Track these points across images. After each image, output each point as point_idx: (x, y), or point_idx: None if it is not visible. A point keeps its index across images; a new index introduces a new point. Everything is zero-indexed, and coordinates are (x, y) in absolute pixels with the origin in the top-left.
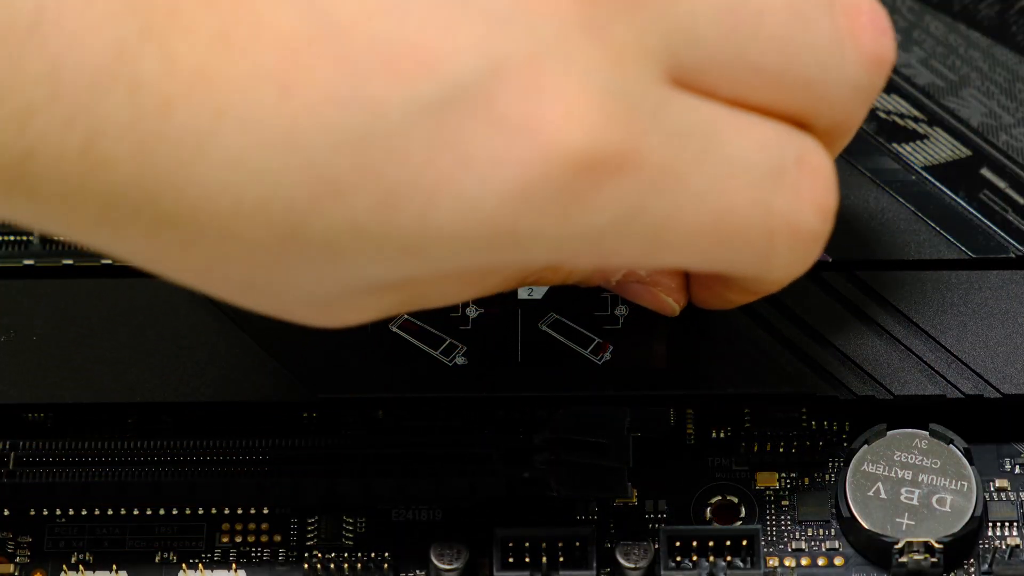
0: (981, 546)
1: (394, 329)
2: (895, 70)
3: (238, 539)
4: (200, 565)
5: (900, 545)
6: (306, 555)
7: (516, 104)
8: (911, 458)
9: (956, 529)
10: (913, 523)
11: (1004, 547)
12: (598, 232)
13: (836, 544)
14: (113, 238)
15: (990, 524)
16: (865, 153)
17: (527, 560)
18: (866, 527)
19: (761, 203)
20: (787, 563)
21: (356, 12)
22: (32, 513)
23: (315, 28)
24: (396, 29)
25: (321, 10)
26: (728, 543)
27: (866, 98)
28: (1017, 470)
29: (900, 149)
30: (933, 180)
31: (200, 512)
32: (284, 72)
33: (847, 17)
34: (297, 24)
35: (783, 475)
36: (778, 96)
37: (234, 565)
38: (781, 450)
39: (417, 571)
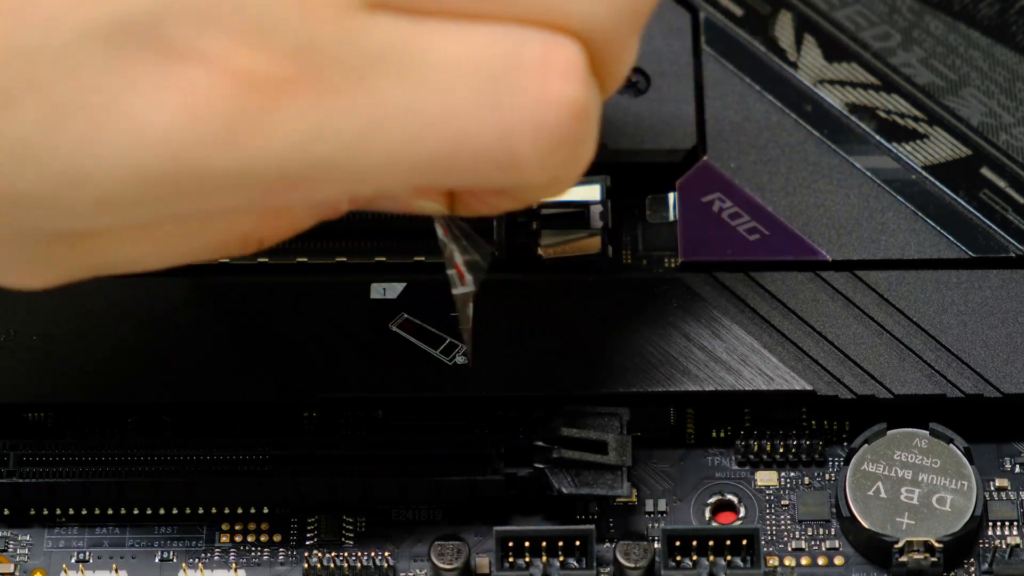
0: (981, 546)
1: (394, 329)
2: (895, 70)
3: (238, 539)
4: (200, 565)
5: (900, 544)
6: (306, 555)
7: (185, 37)
8: (911, 457)
9: (956, 528)
10: (913, 522)
11: (1004, 547)
12: (279, 161)
13: (836, 544)
14: None
15: (990, 524)
16: (865, 153)
17: (527, 560)
18: (866, 526)
19: (485, 105)
20: (787, 563)
21: None
22: (32, 513)
23: None
24: None
25: None
26: (728, 543)
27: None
28: (1017, 470)
29: (900, 149)
30: (933, 180)
31: (200, 512)
32: None
33: None
34: None
35: (783, 475)
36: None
37: (234, 565)
38: (781, 450)
39: (417, 571)
